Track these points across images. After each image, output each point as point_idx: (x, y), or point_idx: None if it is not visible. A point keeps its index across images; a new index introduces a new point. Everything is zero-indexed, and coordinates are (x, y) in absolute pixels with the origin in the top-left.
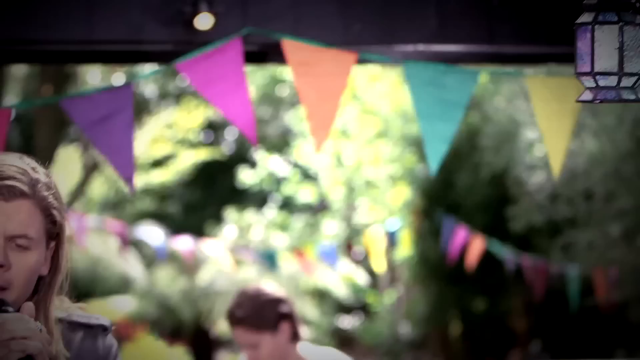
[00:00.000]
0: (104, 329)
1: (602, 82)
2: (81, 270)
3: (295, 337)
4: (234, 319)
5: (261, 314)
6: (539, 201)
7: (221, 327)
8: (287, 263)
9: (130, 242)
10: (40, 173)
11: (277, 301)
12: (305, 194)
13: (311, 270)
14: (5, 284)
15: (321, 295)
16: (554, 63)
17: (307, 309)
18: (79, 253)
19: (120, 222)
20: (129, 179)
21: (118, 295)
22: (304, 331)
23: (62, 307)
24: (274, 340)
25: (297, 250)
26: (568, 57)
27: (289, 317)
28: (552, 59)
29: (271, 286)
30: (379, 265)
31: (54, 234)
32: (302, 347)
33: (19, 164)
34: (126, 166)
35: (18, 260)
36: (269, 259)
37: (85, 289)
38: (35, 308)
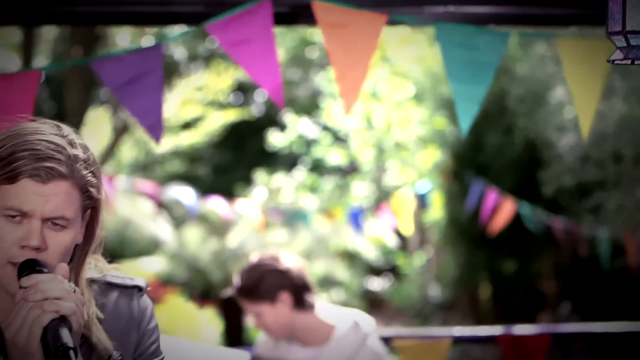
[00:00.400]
0: (139, 290)
1: (634, 41)
2: (111, 232)
3: (300, 305)
4: (235, 290)
5: (258, 285)
6: (568, 163)
7: None
8: (317, 225)
9: (160, 204)
10: (78, 147)
11: (275, 272)
12: (335, 156)
13: (340, 232)
14: None
15: (351, 257)
16: (582, 25)
17: (336, 270)
18: (108, 215)
19: (151, 183)
20: (157, 138)
21: (147, 257)
22: (313, 298)
23: (96, 268)
24: (275, 310)
25: (327, 212)
26: (596, 19)
27: (289, 287)
28: (580, 21)
29: (283, 255)
30: (407, 228)
31: (90, 206)
32: (323, 309)
33: (57, 140)
34: (155, 127)
35: (54, 240)
36: (302, 219)
37: (114, 250)
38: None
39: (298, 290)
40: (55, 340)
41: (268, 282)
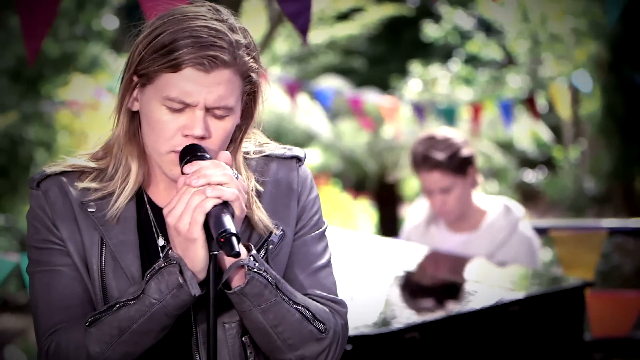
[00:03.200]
0: (298, 160)
1: None
2: (265, 123)
3: (475, 183)
4: (432, 162)
5: (456, 157)
6: None
7: (405, 180)
8: (470, 117)
9: (314, 96)
10: (238, 32)
11: (465, 145)
12: (489, 49)
13: (493, 124)
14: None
15: (506, 149)
16: None
17: (491, 162)
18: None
19: (303, 77)
20: (303, 30)
21: (302, 148)
22: (481, 179)
23: (255, 142)
24: (464, 184)
25: (479, 104)
26: None
27: (474, 163)
28: None
29: (452, 132)
30: (565, 115)
31: (250, 89)
32: (475, 196)
33: (218, 25)
34: (302, 16)
35: (216, 127)
36: (448, 115)
37: None
38: None
39: (476, 167)
40: (217, 226)
41: (461, 155)
